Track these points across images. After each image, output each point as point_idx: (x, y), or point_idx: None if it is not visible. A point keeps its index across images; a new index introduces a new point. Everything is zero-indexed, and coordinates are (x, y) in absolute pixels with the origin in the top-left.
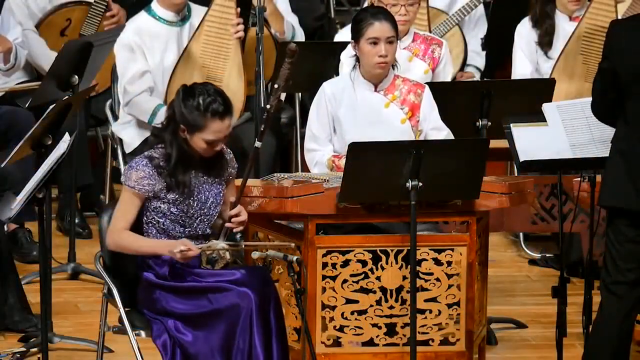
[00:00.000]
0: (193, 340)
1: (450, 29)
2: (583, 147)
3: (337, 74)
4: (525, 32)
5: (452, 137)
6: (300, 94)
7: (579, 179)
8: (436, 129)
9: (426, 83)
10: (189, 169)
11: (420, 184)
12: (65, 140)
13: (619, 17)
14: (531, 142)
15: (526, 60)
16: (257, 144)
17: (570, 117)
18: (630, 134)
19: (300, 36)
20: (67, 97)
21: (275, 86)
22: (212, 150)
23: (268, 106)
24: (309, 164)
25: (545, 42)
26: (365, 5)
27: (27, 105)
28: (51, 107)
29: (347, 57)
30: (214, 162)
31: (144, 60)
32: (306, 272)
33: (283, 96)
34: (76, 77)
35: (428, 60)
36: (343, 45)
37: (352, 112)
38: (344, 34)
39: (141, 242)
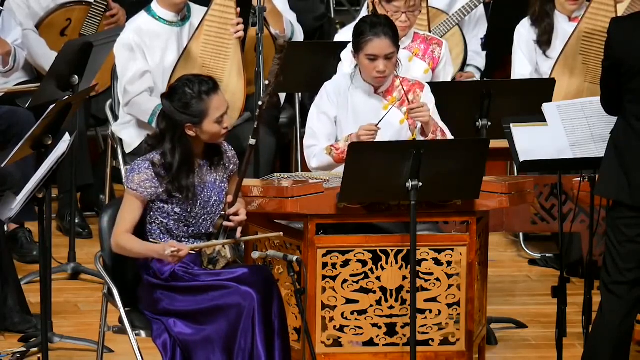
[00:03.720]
0: (192, 333)
1: (450, 29)
2: (583, 146)
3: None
4: (524, 32)
5: (448, 131)
6: (300, 94)
7: (579, 179)
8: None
9: (426, 83)
10: (192, 172)
11: (420, 184)
12: (65, 140)
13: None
14: (531, 142)
15: (526, 60)
16: (252, 141)
17: (570, 117)
18: (627, 129)
19: (299, 33)
20: (67, 97)
21: (266, 83)
22: (224, 129)
23: (260, 102)
24: (307, 159)
25: (543, 40)
26: (366, 6)
27: (27, 105)
28: (51, 107)
29: (347, 56)
30: (215, 151)
31: (144, 60)
32: (306, 272)
33: (283, 96)
34: (76, 77)
35: (428, 60)
36: (343, 45)
37: (352, 116)
38: (344, 34)
39: (137, 245)
